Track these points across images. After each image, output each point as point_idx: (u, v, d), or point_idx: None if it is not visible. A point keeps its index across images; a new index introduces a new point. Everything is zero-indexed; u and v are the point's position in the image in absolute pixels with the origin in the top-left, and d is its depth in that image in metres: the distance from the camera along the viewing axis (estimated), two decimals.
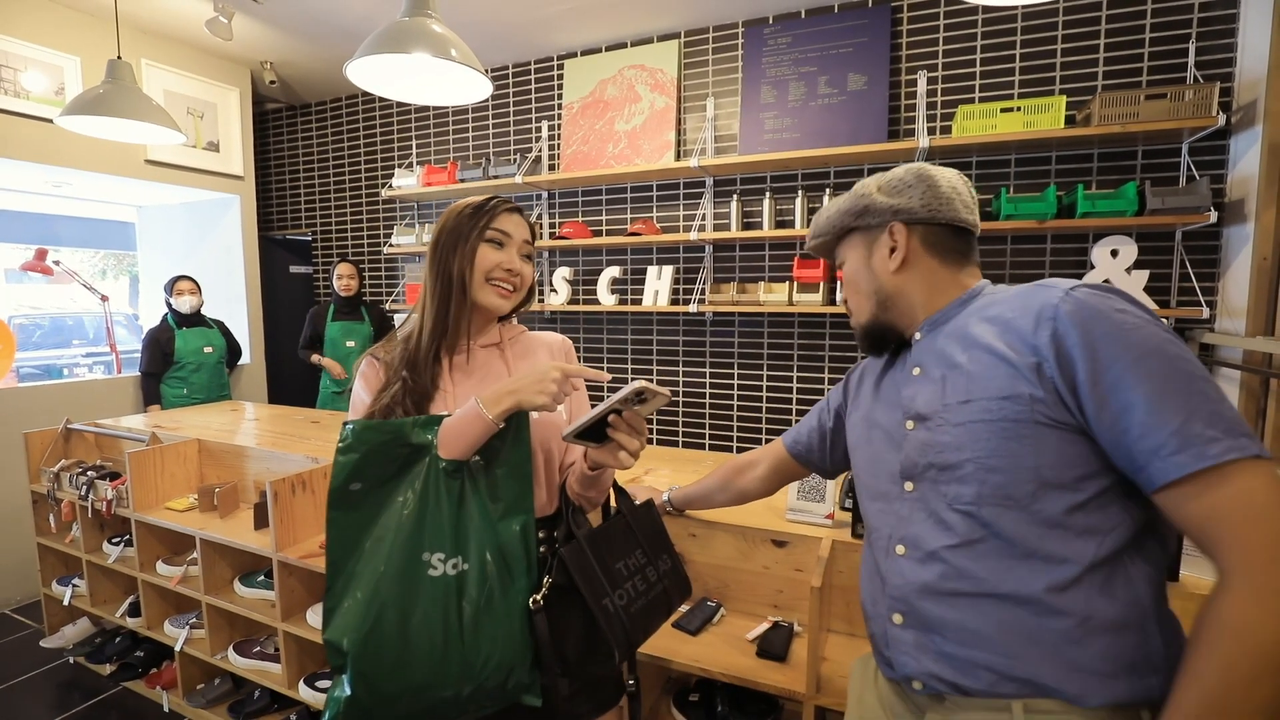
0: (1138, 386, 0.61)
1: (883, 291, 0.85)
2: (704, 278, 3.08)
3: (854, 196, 0.87)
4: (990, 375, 0.70)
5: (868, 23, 2.73)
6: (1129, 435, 0.61)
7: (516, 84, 3.50)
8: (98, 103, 2.08)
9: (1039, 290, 0.71)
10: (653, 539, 1.08)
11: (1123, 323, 0.64)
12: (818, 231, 0.93)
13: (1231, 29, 2.28)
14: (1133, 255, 2.33)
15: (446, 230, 1.01)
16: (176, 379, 3.24)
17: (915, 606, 0.74)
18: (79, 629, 2.46)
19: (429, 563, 0.86)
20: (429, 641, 0.84)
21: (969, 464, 0.70)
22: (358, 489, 0.88)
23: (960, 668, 0.70)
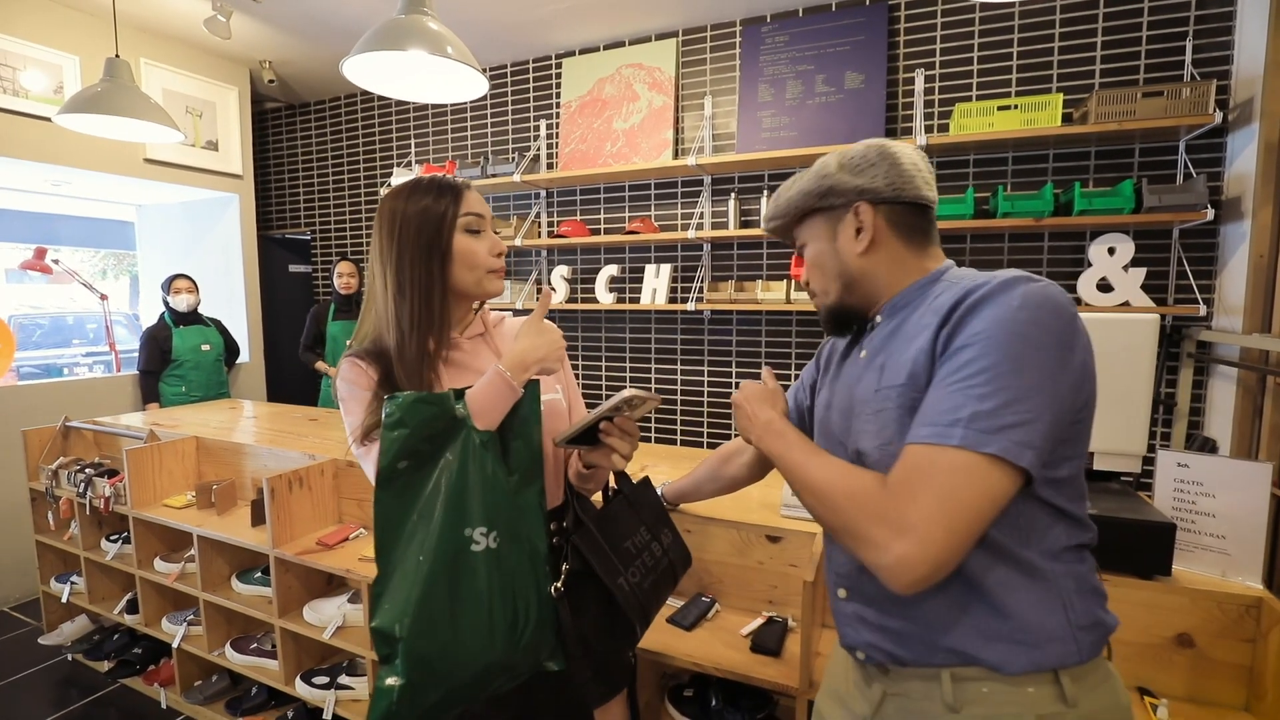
0: (941, 370, 0.67)
1: (848, 274, 0.83)
2: (702, 276, 3.08)
3: (815, 176, 0.83)
4: (901, 362, 0.73)
5: (865, 21, 2.73)
6: (929, 400, 0.67)
7: (515, 83, 3.50)
8: (96, 101, 2.08)
9: (977, 278, 0.71)
10: (653, 515, 1.11)
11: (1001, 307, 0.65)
12: (777, 213, 0.89)
13: (1228, 27, 2.28)
14: (1130, 253, 2.33)
15: (412, 225, 0.94)
16: (175, 377, 3.25)
17: (855, 583, 0.79)
18: (77, 626, 2.47)
19: (471, 538, 0.84)
20: (476, 615, 0.83)
21: (875, 451, 0.73)
22: (405, 466, 0.84)
23: (894, 639, 0.74)
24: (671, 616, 1.38)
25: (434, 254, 0.94)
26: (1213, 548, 1.11)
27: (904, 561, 0.61)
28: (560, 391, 1.08)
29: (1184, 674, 1.08)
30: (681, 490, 1.32)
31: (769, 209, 0.90)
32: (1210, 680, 1.06)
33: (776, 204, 0.88)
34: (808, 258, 0.88)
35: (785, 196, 0.87)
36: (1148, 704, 1.05)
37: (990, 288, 0.67)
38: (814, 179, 0.83)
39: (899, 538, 0.62)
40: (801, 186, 0.84)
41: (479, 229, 0.98)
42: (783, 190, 0.88)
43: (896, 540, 0.62)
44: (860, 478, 0.69)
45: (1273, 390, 2.07)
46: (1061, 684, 0.67)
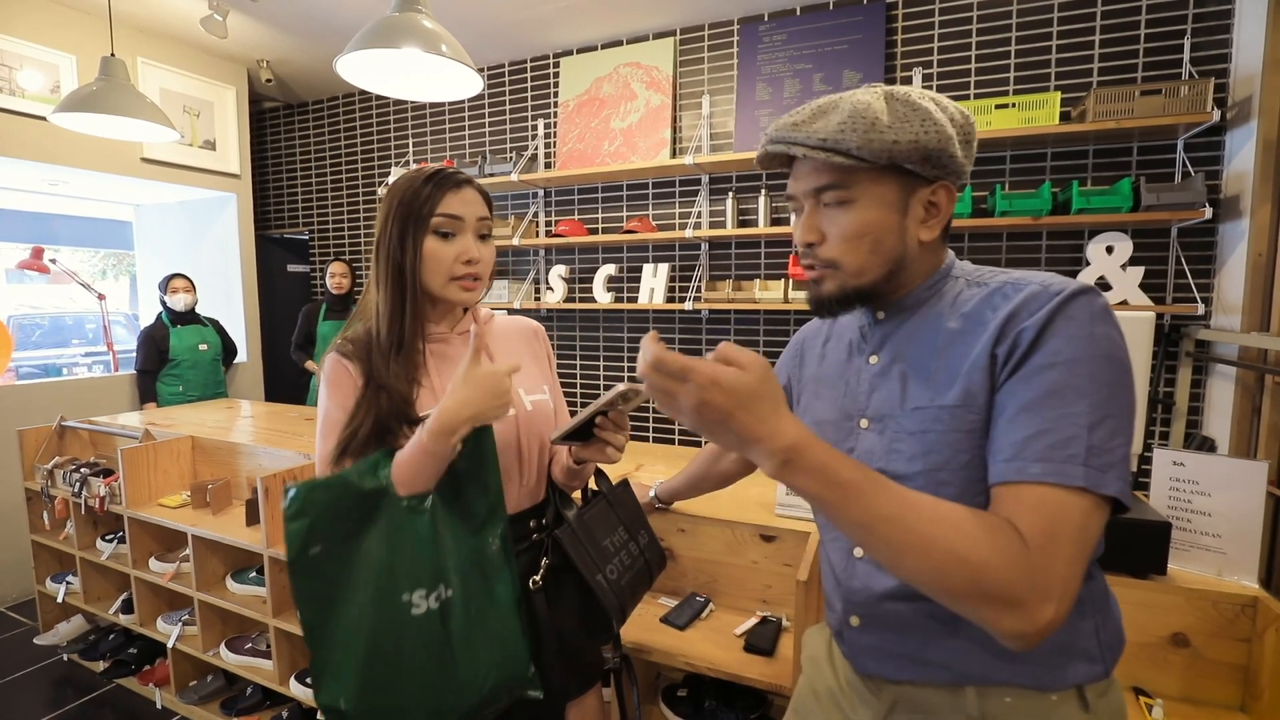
0: (1026, 390, 0.59)
1: (903, 259, 0.69)
2: (700, 275, 3.07)
3: (933, 131, 0.63)
4: (947, 381, 0.65)
5: (862, 20, 2.72)
6: (995, 424, 0.61)
7: (512, 82, 3.50)
8: (91, 100, 2.08)
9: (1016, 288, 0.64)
10: (631, 516, 1.13)
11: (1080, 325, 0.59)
12: (852, 145, 0.63)
13: (1226, 25, 2.28)
14: (1128, 252, 2.32)
15: (394, 214, 0.93)
16: (172, 376, 3.25)
17: (874, 611, 0.73)
18: (73, 626, 2.46)
19: (410, 603, 0.83)
20: (424, 678, 0.83)
21: (919, 476, 0.66)
22: (318, 552, 0.82)
23: (919, 667, 0.70)
24: (665, 616, 1.38)
25: (406, 250, 0.92)
26: (1209, 547, 1.10)
27: (1052, 624, 0.53)
28: (548, 391, 1.07)
29: (1179, 674, 1.07)
30: (674, 489, 1.32)
31: (836, 125, 0.64)
32: (1206, 680, 1.06)
33: (867, 134, 0.63)
34: (849, 221, 0.67)
35: (888, 133, 0.63)
36: (1143, 704, 1.04)
37: (1057, 301, 0.60)
38: (935, 135, 0.64)
39: (1047, 601, 0.53)
40: (920, 133, 0.64)
41: (450, 231, 0.93)
42: (867, 115, 0.63)
43: (1045, 605, 0.52)
44: (988, 530, 0.55)
45: (1271, 389, 2.06)
46: (1085, 696, 0.66)
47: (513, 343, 1.09)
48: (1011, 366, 0.60)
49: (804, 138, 0.65)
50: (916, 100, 0.65)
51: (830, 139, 0.64)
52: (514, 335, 1.10)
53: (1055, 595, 0.53)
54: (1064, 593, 0.53)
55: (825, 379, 0.80)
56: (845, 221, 0.67)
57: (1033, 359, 0.59)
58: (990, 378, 0.62)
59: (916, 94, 0.66)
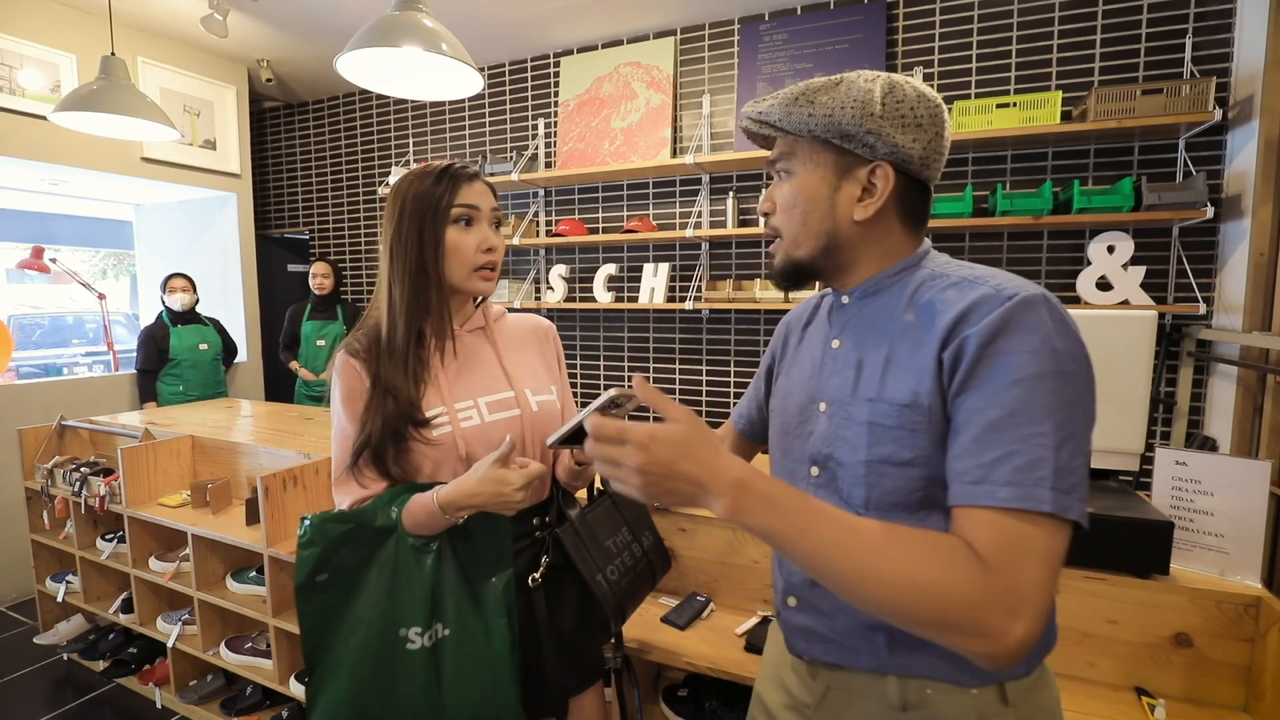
0: (989, 407, 0.57)
1: (834, 236, 0.70)
2: (700, 275, 3.07)
3: (858, 108, 0.66)
4: (899, 376, 0.65)
5: (863, 19, 2.72)
6: (955, 440, 0.60)
7: (513, 81, 3.50)
8: (91, 99, 2.07)
9: (973, 286, 0.63)
10: (636, 517, 1.12)
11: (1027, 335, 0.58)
12: (783, 119, 0.69)
13: (1228, 24, 2.27)
14: (1129, 251, 2.32)
15: (408, 210, 0.94)
16: (172, 376, 3.25)
17: (807, 595, 0.75)
18: (72, 625, 2.46)
19: (406, 638, 0.87)
20: (412, 712, 0.86)
21: (861, 465, 0.67)
22: (324, 579, 0.88)
23: (845, 653, 0.72)
24: (666, 616, 1.37)
25: (425, 242, 0.93)
26: (1211, 546, 1.10)
27: (1023, 644, 0.53)
28: (555, 392, 1.07)
29: (1182, 674, 1.07)
30: None
31: (775, 101, 0.70)
32: (1208, 680, 1.05)
33: (788, 107, 0.68)
34: (787, 190, 0.72)
35: (800, 105, 0.68)
36: (1145, 704, 1.04)
37: (1008, 308, 0.59)
38: (856, 111, 0.66)
39: (1015, 619, 0.52)
40: (835, 108, 0.66)
41: (472, 219, 0.96)
42: (806, 92, 0.69)
43: (1014, 623, 0.52)
44: (942, 558, 0.55)
45: (1273, 389, 2.05)
46: (1005, 690, 0.67)
47: (523, 341, 1.09)
48: (963, 377, 0.59)
49: (750, 113, 0.72)
50: (860, 84, 0.67)
51: (765, 112, 0.70)
52: (524, 334, 1.10)
53: (1023, 612, 0.52)
54: (1033, 610, 0.53)
55: (799, 360, 0.81)
56: (785, 190, 0.72)
57: (991, 373, 0.58)
58: (938, 383, 0.62)
59: (893, 79, 0.68)
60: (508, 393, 1.00)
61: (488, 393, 0.99)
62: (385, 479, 0.93)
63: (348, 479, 0.94)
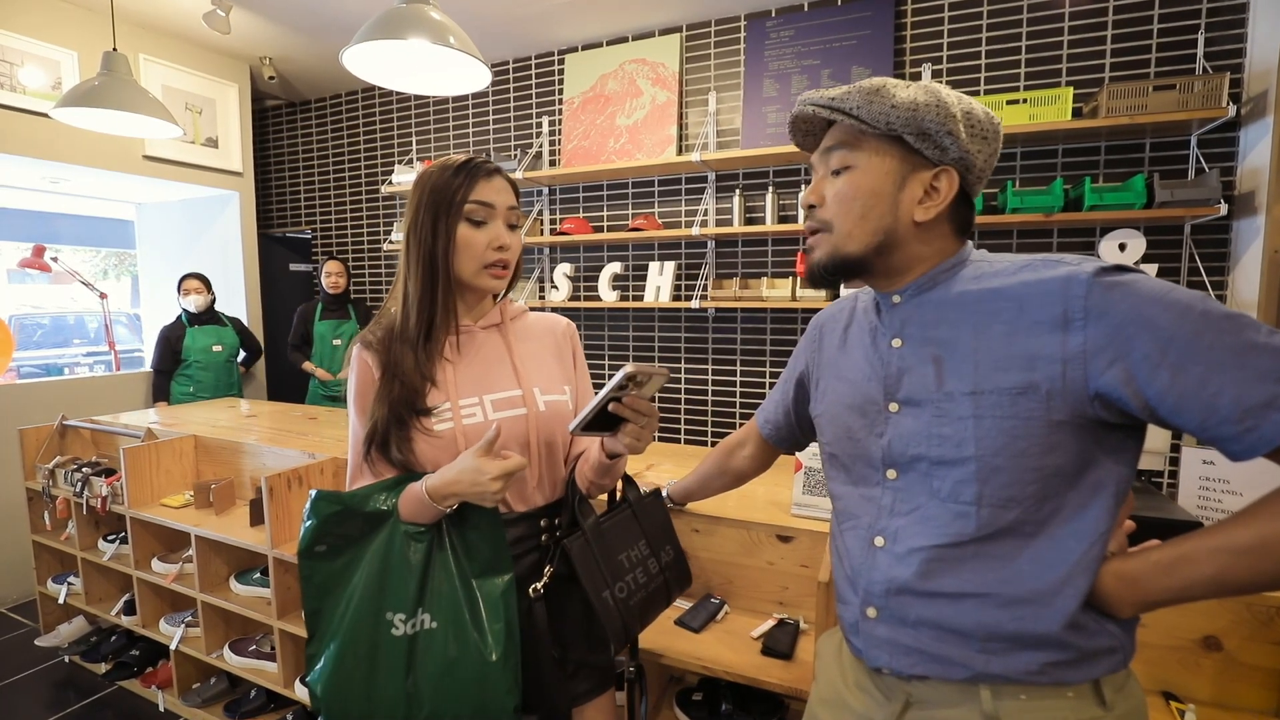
0: (1211, 350, 0.55)
1: (893, 234, 0.70)
2: (706, 273, 3.05)
3: (940, 110, 0.66)
4: (1001, 365, 0.63)
5: (871, 15, 2.70)
6: (1222, 398, 0.55)
7: (517, 79, 3.47)
8: (93, 95, 2.05)
9: (1045, 267, 0.64)
10: (657, 530, 1.07)
11: (1165, 296, 0.58)
12: (854, 105, 0.68)
13: (1241, 19, 2.25)
14: (1141, 249, 2.30)
15: (425, 203, 0.94)
16: (184, 377, 3.27)
17: (891, 604, 0.71)
18: (74, 627, 2.44)
19: (391, 622, 0.88)
20: (392, 699, 0.86)
21: (972, 462, 0.64)
22: (323, 550, 0.91)
23: (933, 663, 0.68)
24: (680, 618, 1.35)
25: (438, 235, 0.93)
26: None
27: None
28: (568, 392, 1.05)
29: (1211, 678, 1.04)
30: (688, 489, 1.28)
31: (850, 90, 0.69)
32: (1239, 685, 1.03)
33: (869, 96, 0.67)
34: (845, 183, 0.71)
35: (889, 99, 0.67)
36: (1174, 709, 1.02)
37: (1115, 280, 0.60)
38: (940, 111, 0.66)
39: None
40: (920, 104, 0.66)
41: (482, 219, 0.95)
42: (885, 87, 0.68)
43: None
44: None
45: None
46: (1101, 690, 0.64)
47: (538, 340, 1.06)
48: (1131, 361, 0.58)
49: (819, 99, 0.72)
50: (937, 88, 0.68)
51: (837, 99, 0.70)
52: (541, 332, 1.08)
53: None
54: None
55: (848, 364, 0.79)
56: (841, 184, 0.71)
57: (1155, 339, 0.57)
58: (1064, 370, 0.60)
59: (947, 90, 0.69)
60: (515, 391, 0.99)
61: (495, 390, 0.98)
62: (395, 468, 0.94)
63: (361, 470, 0.96)
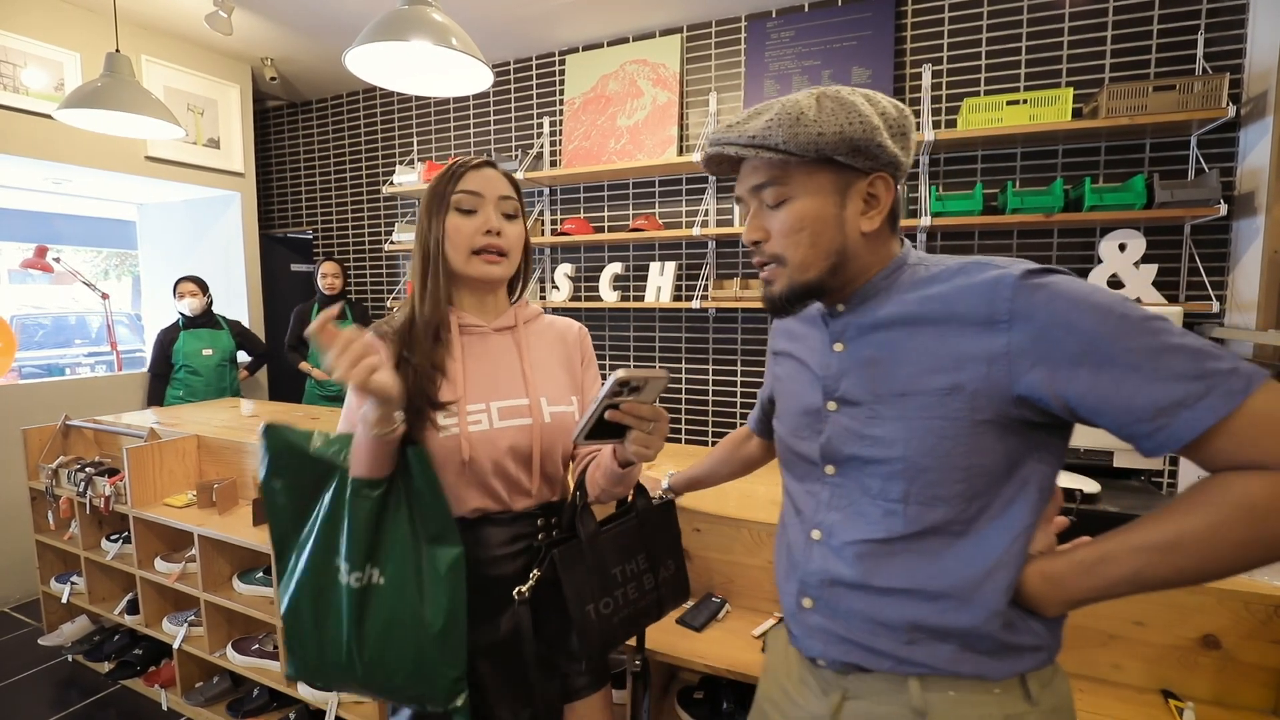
0: (1129, 351, 0.57)
1: (845, 251, 0.70)
2: (707, 274, 3.05)
3: (860, 122, 0.65)
4: (930, 367, 0.65)
5: (871, 16, 2.70)
6: (1138, 399, 0.57)
7: (518, 79, 3.48)
8: (95, 96, 2.06)
9: (978, 270, 0.65)
10: (661, 543, 1.02)
11: (1086, 299, 0.60)
12: (779, 140, 0.65)
13: (1241, 20, 2.25)
14: (1141, 249, 2.30)
15: (425, 197, 0.99)
16: (175, 381, 3.22)
17: (825, 595, 0.74)
18: (77, 627, 2.44)
19: (339, 568, 0.87)
20: (336, 639, 0.87)
21: (899, 461, 0.66)
22: (280, 486, 0.90)
23: (863, 653, 0.71)
24: (681, 617, 1.35)
25: (433, 230, 0.96)
26: None
27: None
28: (575, 403, 1.04)
29: (1210, 676, 1.05)
30: (694, 477, 1.24)
31: (766, 123, 0.66)
32: (1238, 683, 1.03)
33: (792, 128, 0.65)
34: (787, 216, 0.69)
35: (813, 126, 0.65)
36: (1173, 707, 1.02)
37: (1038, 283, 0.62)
38: (864, 124, 0.65)
39: None
40: (844, 123, 0.65)
41: (470, 207, 0.96)
42: (794, 110, 0.66)
43: None
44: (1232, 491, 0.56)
45: None
46: (1028, 686, 0.67)
47: (549, 346, 1.05)
48: (1054, 361, 0.60)
49: (735, 137, 0.68)
50: (844, 96, 0.67)
51: (759, 136, 0.66)
52: (553, 338, 1.06)
53: None
54: None
55: (799, 364, 0.81)
56: (784, 216, 0.70)
57: (1077, 341, 0.59)
58: (989, 370, 0.62)
59: (846, 91, 0.68)
60: (522, 400, 0.98)
61: (502, 397, 0.97)
62: None
63: None
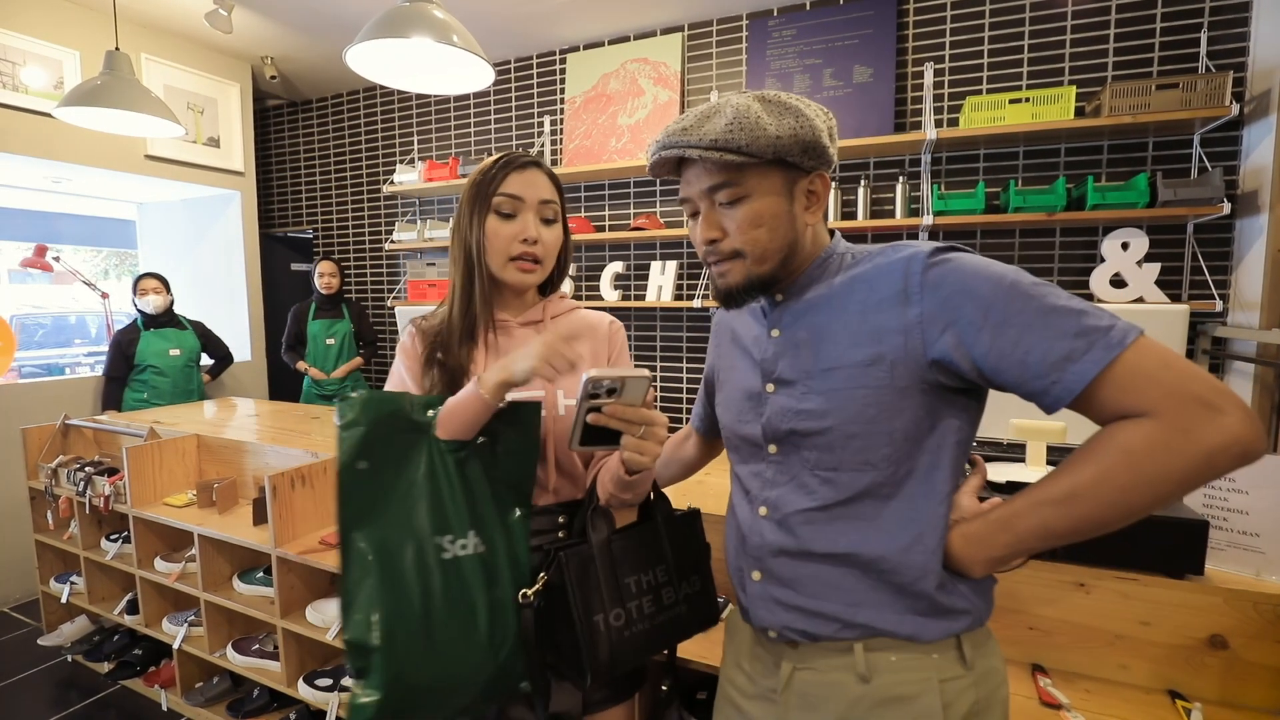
0: (1021, 313, 0.63)
1: (795, 243, 0.75)
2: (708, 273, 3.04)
3: (807, 124, 0.70)
4: (854, 342, 0.72)
5: (873, 14, 2.69)
6: (1032, 355, 0.63)
7: (518, 78, 3.47)
8: (95, 94, 2.05)
9: (894, 251, 0.72)
10: (686, 556, 0.95)
11: (984, 270, 0.66)
12: (742, 143, 0.68)
13: (1244, 18, 2.25)
14: (1144, 248, 2.29)
15: (465, 197, 0.96)
16: (138, 383, 3.06)
17: (771, 565, 0.78)
18: (77, 627, 2.44)
19: (441, 546, 0.84)
20: (450, 625, 0.82)
21: (832, 431, 0.72)
22: (365, 467, 0.82)
23: (809, 619, 0.76)
24: None
25: (473, 229, 0.95)
26: (1247, 546, 1.07)
27: (1245, 418, 0.58)
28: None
29: (1217, 677, 1.04)
30: None
31: (723, 126, 0.69)
32: (1245, 684, 1.03)
33: (751, 131, 0.68)
34: (745, 214, 0.73)
35: (771, 128, 0.69)
36: (1180, 707, 1.02)
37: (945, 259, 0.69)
38: (809, 129, 0.70)
39: (1216, 413, 0.57)
40: (797, 127, 0.70)
41: (510, 211, 0.94)
42: (748, 114, 0.69)
43: (1220, 416, 0.57)
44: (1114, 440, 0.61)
45: None
46: (963, 649, 0.72)
47: (577, 341, 1.03)
48: (959, 327, 0.66)
49: (696, 140, 0.70)
50: (787, 100, 0.72)
51: (721, 139, 0.69)
52: (581, 333, 1.05)
53: (1215, 402, 0.57)
54: (1214, 391, 0.58)
55: (739, 353, 0.85)
56: (742, 214, 0.73)
57: (975, 306, 0.65)
58: (906, 340, 0.68)
59: (784, 95, 0.73)
60: (539, 393, 0.96)
61: (520, 390, 0.93)
62: None
63: None
